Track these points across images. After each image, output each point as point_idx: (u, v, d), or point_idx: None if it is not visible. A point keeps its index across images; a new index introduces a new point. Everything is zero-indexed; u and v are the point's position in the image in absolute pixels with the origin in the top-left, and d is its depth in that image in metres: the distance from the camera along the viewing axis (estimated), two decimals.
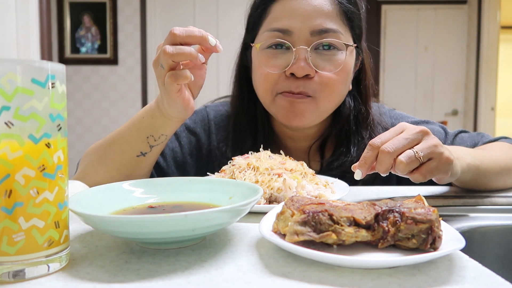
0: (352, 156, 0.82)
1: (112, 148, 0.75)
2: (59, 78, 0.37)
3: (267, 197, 0.59)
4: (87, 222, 0.41)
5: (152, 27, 3.57)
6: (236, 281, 0.35)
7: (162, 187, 0.54)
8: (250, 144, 0.84)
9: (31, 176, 0.35)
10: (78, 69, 3.55)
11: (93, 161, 0.77)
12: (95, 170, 0.76)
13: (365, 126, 0.84)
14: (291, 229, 0.39)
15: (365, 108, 0.85)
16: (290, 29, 0.75)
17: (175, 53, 0.59)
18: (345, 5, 0.77)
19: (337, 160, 0.82)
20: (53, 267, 0.37)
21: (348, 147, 0.82)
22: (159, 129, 0.72)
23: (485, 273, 0.37)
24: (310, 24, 0.74)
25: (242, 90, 0.88)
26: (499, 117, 4.05)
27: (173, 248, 0.43)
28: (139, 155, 0.74)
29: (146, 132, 0.72)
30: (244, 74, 0.88)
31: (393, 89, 3.88)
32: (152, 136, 0.72)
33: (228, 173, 0.65)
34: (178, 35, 0.60)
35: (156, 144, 0.73)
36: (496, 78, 3.81)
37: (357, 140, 0.83)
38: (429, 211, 0.40)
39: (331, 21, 0.75)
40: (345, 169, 0.80)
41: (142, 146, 0.73)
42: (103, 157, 0.76)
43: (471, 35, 3.82)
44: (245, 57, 0.88)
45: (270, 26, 0.77)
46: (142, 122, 0.72)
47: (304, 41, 0.75)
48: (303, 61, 0.74)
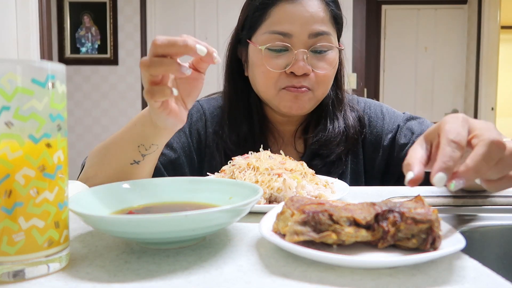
0: (329, 132, 0.92)
1: (109, 153, 0.75)
2: (59, 78, 0.37)
3: (267, 197, 0.59)
4: (87, 222, 0.41)
5: (152, 27, 3.57)
6: (236, 281, 0.35)
7: (162, 187, 0.54)
8: (246, 129, 0.92)
9: (31, 176, 0.35)
10: (78, 69, 3.55)
11: (93, 164, 0.78)
12: (96, 173, 0.76)
13: (339, 109, 0.95)
14: (291, 229, 0.39)
15: (340, 94, 0.96)
16: (290, 33, 0.84)
17: (151, 65, 0.55)
18: (334, 11, 0.88)
19: (316, 136, 0.92)
20: (53, 267, 0.37)
21: (325, 126, 0.93)
22: (149, 138, 0.70)
23: (485, 273, 0.37)
24: (308, 28, 0.83)
25: (235, 82, 0.95)
26: (499, 117, 4.05)
27: (173, 248, 0.43)
28: (133, 163, 0.72)
29: (137, 140, 0.71)
30: (236, 67, 0.95)
31: (393, 89, 3.88)
32: (143, 145, 0.70)
33: (228, 173, 0.65)
34: (158, 45, 0.55)
35: (147, 153, 0.72)
36: (496, 78, 3.82)
37: (332, 119, 0.94)
38: (429, 211, 0.40)
39: (325, 25, 0.85)
40: (322, 143, 0.91)
41: (134, 154, 0.72)
42: (102, 161, 0.76)
43: (471, 35, 3.82)
44: (237, 51, 0.95)
45: (271, 28, 0.85)
46: (134, 129, 0.71)
47: (302, 43, 0.84)
48: (301, 61, 0.83)
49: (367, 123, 0.95)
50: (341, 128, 0.92)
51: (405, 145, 0.90)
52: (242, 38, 0.92)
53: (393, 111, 0.98)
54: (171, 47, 0.55)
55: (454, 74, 3.89)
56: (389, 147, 0.92)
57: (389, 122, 0.94)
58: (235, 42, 0.95)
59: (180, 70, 0.56)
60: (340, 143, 0.91)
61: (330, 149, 0.90)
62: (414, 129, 0.92)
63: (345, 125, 0.93)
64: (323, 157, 0.91)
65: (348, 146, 0.92)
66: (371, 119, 0.96)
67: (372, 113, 0.97)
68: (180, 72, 0.56)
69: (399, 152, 0.91)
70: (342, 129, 0.92)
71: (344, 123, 0.93)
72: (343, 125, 0.93)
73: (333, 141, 0.90)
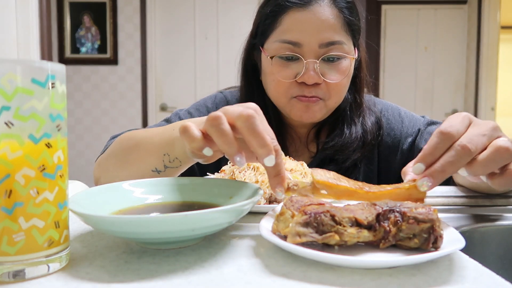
0: (345, 137, 0.90)
1: (134, 153, 0.71)
2: (59, 78, 0.37)
3: (267, 197, 0.59)
4: (87, 222, 0.41)
5: (152, 27, 3.57)
6: (236, 281, 0.35)
7: (162, 187, 0.54)
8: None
9: (31, 176, 0.35)
10: (78, 69, 3.55)
11: (116, 157, 0.73)
12: (114, 178, 0.71)
13: (357, 114, 0.92)
14: (293, 230, 0.39)
15: (359, 98, 0.93)
16: (300, 42, 0.81)
17: (217, 134, 0.47)
18: (348, 17, 0.84)
19: (332, 140, 0.90)
20: (53, 267, 0.37)
21: (342, 130, 0.90)
22: (175, 151, 0.64)
23: (485, 273, 0.37)
24: (318, 37, 0.81)
25: (251, 85, 0.94)
26: (499, 117, 4.04)
27: (173, 248, 0.43)
28: (154, 171, 0.68)
29: (165, 148, 0.65)
30: (252, 70, 0.94)
31: (393, 89, 3.88)
32: (168, 155, 0.65)
33: (228, 173, 0.65)
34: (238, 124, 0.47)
35: (169, 166, 0.66)
36: (496, 78, 3.81)
37: (350, 124, 0.91)
38: (430, 210, 0.40)
39: (337, 33, 0.82)
40: (338, 148, 0.89)
41: (157, 162, 0.66)
42: (126, 158, 0.72)
43: (471, 35, 3.82)
44: (252, 55, 0.94)
45: (281, 37, 0.83)
46: (165, 135, 0.66)
47: (313, 53, 0.82)
48: (312, 71, 0.81)
49: (385, 126, 0.93)
50: (359, 133, 0.90)
51: None
52: (255, 44, 0.91)
53: (412, 114, 0.96)
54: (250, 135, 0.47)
55: (454, 74, 3.89)
56: (409, 151, 0.91)
57: (409, 126, 0.93)
58: (249, 47, 0.94)
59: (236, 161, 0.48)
60: (356, 149, 0.89)
61: (346, 155, 0.89)
62: None
63: (363, 130, 0.90)
64: (338, 163, 0.89)
65: (365, 153, 0.90)
66: (388, 121, 0.94)
67: (390, 116, 0.95)
68: (236, 162, 0.48)
69: None
70: (359, 134, 0.90)
71: (362, 128, 0.91)
72: (360, 130, 0.90)
73: (349, 147, 0.88)
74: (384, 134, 0.93)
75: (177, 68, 3.63)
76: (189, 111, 0.96)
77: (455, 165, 0.46)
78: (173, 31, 3.61)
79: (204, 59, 3.60)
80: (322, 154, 0.91)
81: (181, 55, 3.62)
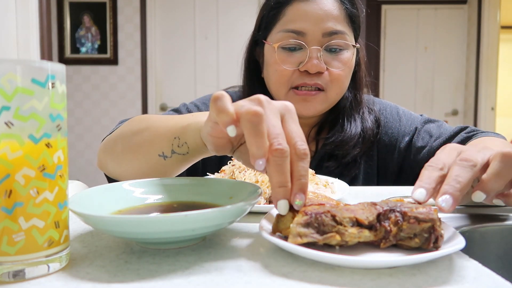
0: (345, 132, 0.90)
1: (144, 133, 0.67)
2: (59, 78, 0.37)
3: (267, 197, 0.59)
4: (87, 222, 0.41)
5: (152, 27, 3.57)
6: (236, 281, 0.35)
7: (162, 187, 0.54)
8: None
9: (31, 176, 0.35)
10: (78, 69, 3.55)
11: (120, 146, 0.71)
12: (120, 162, 0.70)
13: (357, 111, 0.94)
14: (294, 231, 0.39)
15: (358, 96, 0.95)
16: (304, 31, 0.84)
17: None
18: (350, 10, 0.87)
19: (333, 136, 0.91)
20: (53, 267, 0.37)
21: (342, 126, 0.92)
22: (186, 135, 0.60)
23: (485, 273, 0.37)
24: (321, 26, 0.83)
25: (253, 83, 0.96)
26: (499, 117, 4.05)
27: (173, 248, 0.43)
28: (160, 155, 0.64)
29: (178, 131, 0.61)
30: (254, 68, 0.96)
31: (393, 89, 3.88)
32: (179, 138, 0.61)
33: (228, 173, 0.65)
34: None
35: (176, 152, 0.63)
36: (496, 78, 3.81)
37: (349, 120, 0.93)
38: (430, 210, 0.40)
39: (339, 23, 0.85)
40: (338, 143, 0.90)
41: (165, 146, 0.63)
42: (130, 142, 0.69)
43: (471, 35, 3.82)
44: (254, 52, 0.95)
45: (285, 27, 0.85)
46: (181, 119, 0.62)
47: (316, 42, 0.84)
48: (315, 59, 0.83)
49: (383, 124, 0.95)
50: (358, 129, 0.91)
51: (422, 148, 0.89)
52: (258, 39, 0.93)
53: (410, 113, 0.98)
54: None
55: (454, 74, 3.89)
56: (406, 150, 0.91)
57: (406, 124, 0.94)
58: (252, 44, 0.96)
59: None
60: (356, 145, 0.90)
61: (346, 150, 0.89)
62: (432, 132, 0.91)
63: (363, 127, 0.92)
64: (338, 158, 0.90)
65: (364, 149, 0.91)
66: (387, 120, 0.95)
67: (388, 115, 0.96)
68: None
69: (415, 155, 0.90)
70: (359, 130, 0.91)
71: (361, 125, 0.92)
72: (360, 126, 0.92)
73: (349, 142, 0.89)
74: (382, 132, 0.94)
75: (177, 68, 3.63)
76: (195, 103, 0.97)
77: (464, 176, 0.44)
78: (173, 31, 3.61)
79: (204, 59, 3.60)
80: (322, 151, 0.92)
81: (181, 55, 3.62)
